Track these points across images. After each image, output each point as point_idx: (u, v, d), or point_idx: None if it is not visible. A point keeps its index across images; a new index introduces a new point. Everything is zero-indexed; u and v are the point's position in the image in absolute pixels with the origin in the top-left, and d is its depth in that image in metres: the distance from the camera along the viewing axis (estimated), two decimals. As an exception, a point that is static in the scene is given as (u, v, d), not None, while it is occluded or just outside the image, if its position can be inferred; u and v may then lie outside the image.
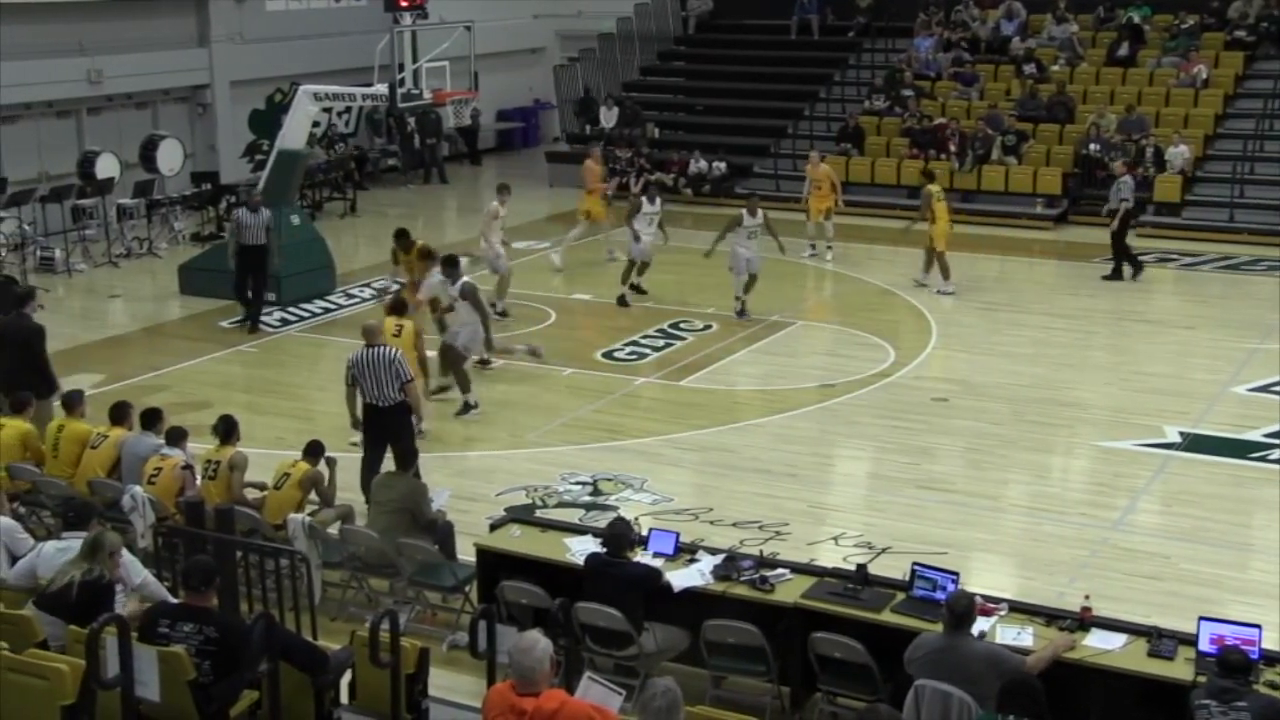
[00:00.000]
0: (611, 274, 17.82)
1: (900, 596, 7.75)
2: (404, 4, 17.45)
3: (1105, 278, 18.60)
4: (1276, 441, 12.57)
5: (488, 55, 21.99)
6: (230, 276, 16.48)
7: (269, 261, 16.36)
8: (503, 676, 6.41)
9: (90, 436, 10.41)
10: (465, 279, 13.55)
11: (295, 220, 18.01)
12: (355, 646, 7.00)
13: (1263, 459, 12.25)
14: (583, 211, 20.03)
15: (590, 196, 20.02)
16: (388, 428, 10.87)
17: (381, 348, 10.94)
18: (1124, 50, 24.38)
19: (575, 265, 19.26)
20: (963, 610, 6.89)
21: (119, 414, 10.52)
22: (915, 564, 7.91)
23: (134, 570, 7.39)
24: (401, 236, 15.96)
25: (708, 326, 16.54)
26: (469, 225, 24.43)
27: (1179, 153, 21.57)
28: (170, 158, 21.39)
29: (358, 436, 11.24)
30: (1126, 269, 18.59)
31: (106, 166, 20.64)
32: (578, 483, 11.80)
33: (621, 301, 17.28)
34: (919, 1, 26.38)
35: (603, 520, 10.03)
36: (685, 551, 8.48)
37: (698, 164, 24.05)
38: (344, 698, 7.12)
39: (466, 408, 13.37)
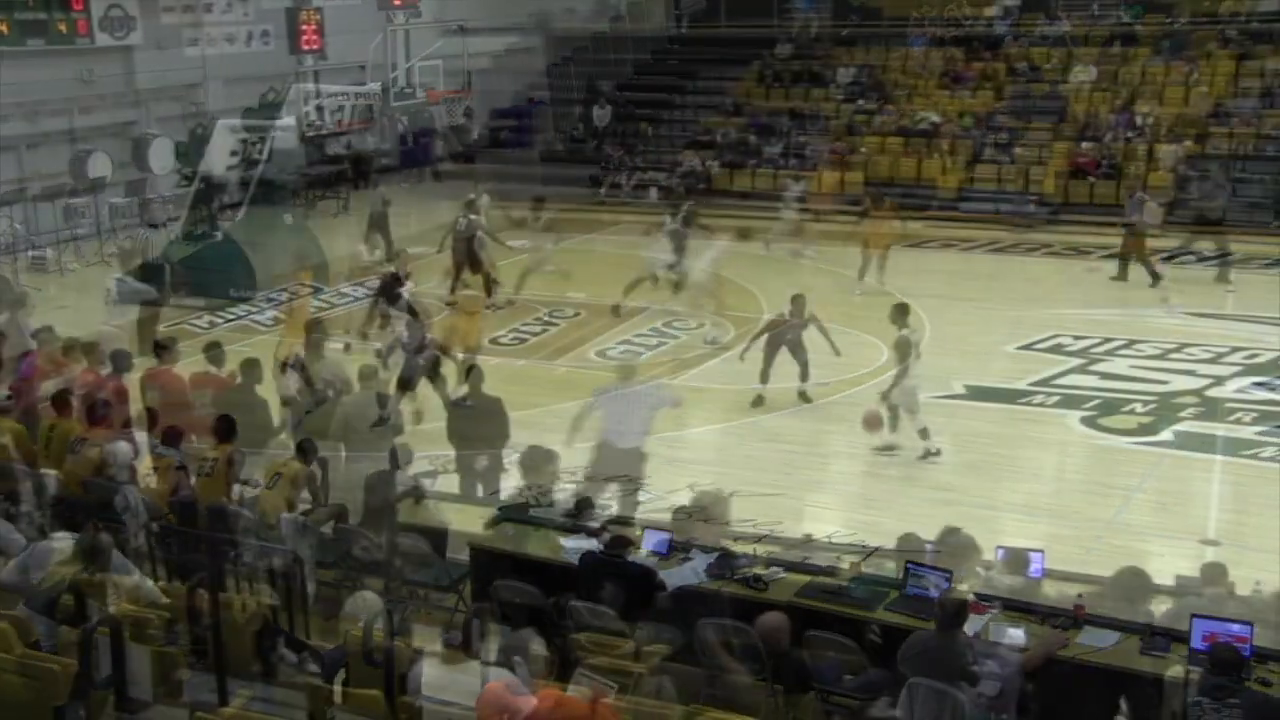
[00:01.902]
0: (608, 274, 17.78)
1: (894, 595, 7.75)
2: (398, 3, 17.43)
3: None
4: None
5: (481, 54, 21.98)
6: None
7: None
8: (496, 675, 6.40)
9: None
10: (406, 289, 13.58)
11: (288, 219, 17.99)
12: (349, 645, 6.99)
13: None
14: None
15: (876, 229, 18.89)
16: (621, 469, 10.66)
17: (636, 386, 10.69)
18: (1116, 49, 24.40)
19: (575, 263, 19.18)
20: (955, 608, 6.89)
21: (96, 414, 10.46)
22: (909, 562, 7.91)
23: (125, 571, 7.37)
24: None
25: (701, 325, 16.52)
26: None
27: (1171, 151, 21.60)
28: (162, 157, 21.32)
29: None
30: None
31: (98, 165, 20.56)
32: (572, 481, 11.76)
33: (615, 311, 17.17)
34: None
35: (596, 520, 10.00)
36: (679, 550, 8.48)
37: (690, 163, 24.02)
38: (338, 697, 7.10)
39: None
